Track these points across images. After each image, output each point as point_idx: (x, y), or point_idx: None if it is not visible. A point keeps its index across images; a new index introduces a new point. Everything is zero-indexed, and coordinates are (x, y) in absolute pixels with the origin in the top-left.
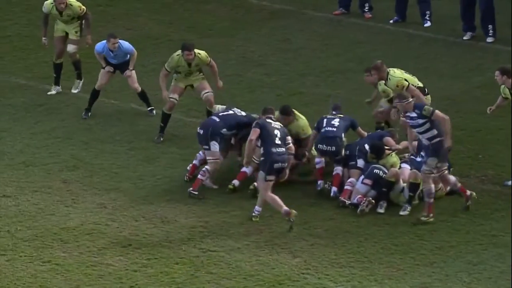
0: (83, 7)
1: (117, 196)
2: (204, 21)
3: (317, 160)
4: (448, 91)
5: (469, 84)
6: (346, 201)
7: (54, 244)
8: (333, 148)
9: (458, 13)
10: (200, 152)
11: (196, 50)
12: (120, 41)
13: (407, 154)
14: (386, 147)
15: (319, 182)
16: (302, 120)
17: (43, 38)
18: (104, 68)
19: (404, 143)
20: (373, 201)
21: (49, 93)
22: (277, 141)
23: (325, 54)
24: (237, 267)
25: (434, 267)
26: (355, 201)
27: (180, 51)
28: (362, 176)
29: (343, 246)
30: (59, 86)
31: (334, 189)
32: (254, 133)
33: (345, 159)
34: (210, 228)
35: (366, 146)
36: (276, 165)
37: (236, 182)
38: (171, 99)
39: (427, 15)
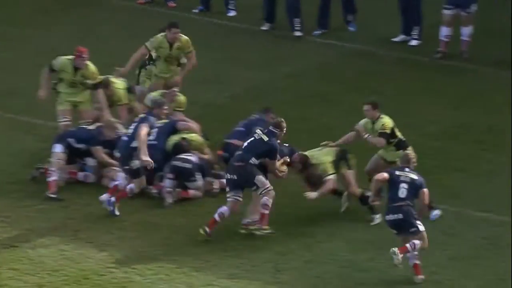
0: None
1: None
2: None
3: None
4: (255, 81)
5: (276, 73)
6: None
7: None
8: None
9: (261, 3)
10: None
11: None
12: None
13: None
14: None
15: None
16: None
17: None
18: None
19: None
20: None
21: None
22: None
23: (131, 43)
24: (41, 263)
25: (242, 257)
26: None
27: (163, 33)
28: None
29: (150, 239)
30: None
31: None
32: None
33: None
34: (12, 223)
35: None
36: None
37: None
38: None
39: (231, 5)
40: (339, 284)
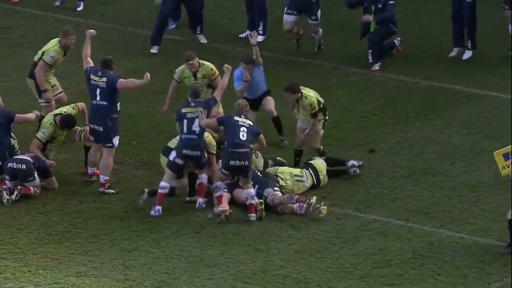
0: None
1: None
2: None
3: None
4: None
5: (120, 70)
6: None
7: None
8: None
9: None
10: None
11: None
12: None
13: None
14: None
15: None
16: None
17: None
18: None
19: None
20: None
21: None
22: None
23: None
24: None
25: (90, 255)
26: None
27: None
28: None
29: None
30: None
31: None
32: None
33: None
34: None
35: None
36: None
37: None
38: None
39: None
40: (187, 279)
